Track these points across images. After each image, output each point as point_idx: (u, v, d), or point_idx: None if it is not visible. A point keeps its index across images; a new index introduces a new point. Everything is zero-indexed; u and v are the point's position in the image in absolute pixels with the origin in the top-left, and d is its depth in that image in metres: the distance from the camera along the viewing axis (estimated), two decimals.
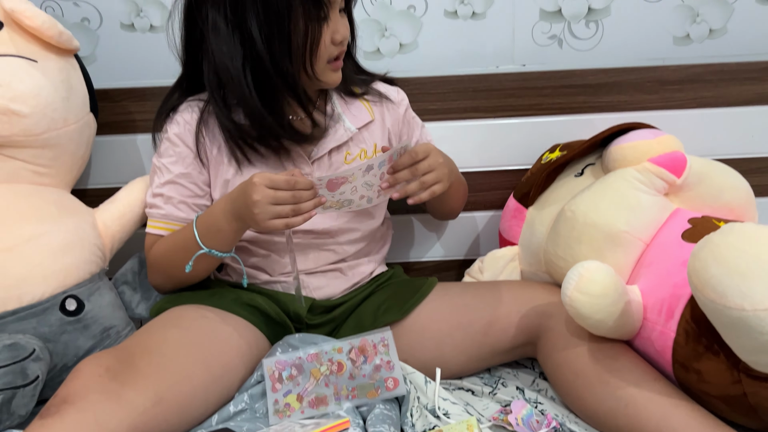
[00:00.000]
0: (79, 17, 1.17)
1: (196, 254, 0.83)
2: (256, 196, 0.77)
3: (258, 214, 0.77)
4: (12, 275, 0.84)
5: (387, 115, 0.98)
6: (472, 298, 0.92)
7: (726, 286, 0.61)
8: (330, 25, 0.83)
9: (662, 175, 0.87)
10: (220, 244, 0.83)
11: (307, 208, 0.78)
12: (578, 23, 1.20)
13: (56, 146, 0.93)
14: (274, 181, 0.77)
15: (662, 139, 0.90)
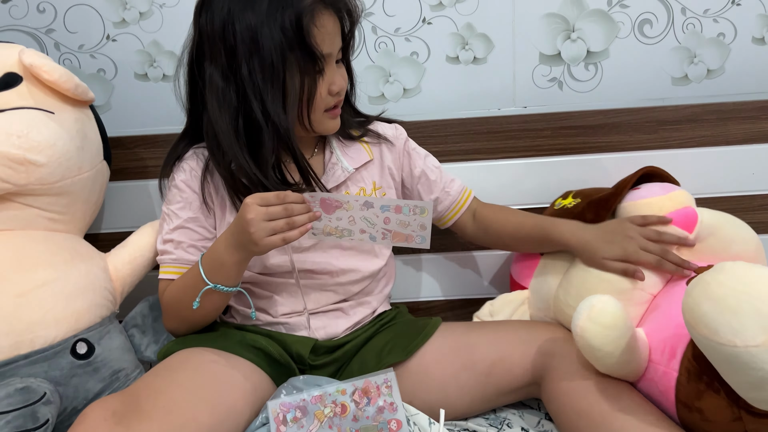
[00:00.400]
0: (95, 68, 1.22)
1: (203, 290, 0.85)
2: (249, 215, 0.79)
3: (254, 233, 0.79)
4: (25, 320, 0.86)
5: (386, 153, 1.00)
6: (476, 338, 0.93)
7: (718, 323, 0.62)
8: (326, 77, 0.87)
9: (675, 232, 0.89)
10: (224, 278, 0.85)
11: (301, 221, 0.80)
12: (577, 66, 1.23)
13: (70, 194, 0.97)
14: (265, 198, 0.80)
15: (674, 195, 0.92)
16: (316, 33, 0.83)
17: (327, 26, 0.85)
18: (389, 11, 1.20)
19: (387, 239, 0.85)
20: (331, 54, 0.87)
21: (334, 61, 0.88)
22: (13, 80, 0.95)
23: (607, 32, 1.21)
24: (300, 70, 0.84)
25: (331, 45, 0.86)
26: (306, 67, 0.84)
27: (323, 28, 0.84)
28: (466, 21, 1.21)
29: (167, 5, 1.19)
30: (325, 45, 0.85)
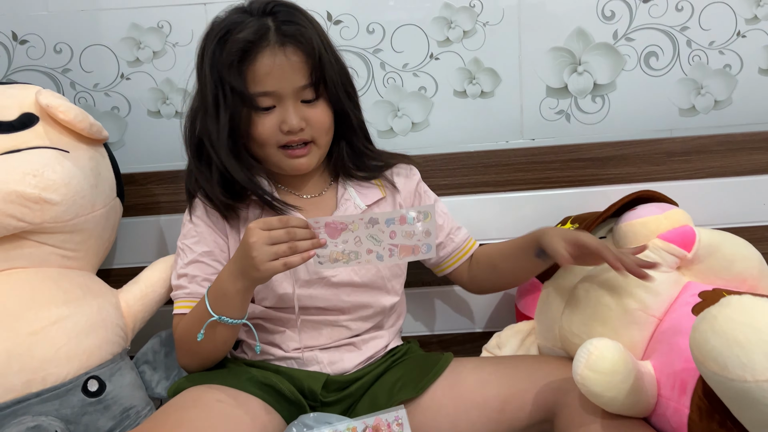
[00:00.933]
0: (109, 106, 1.25)
1: (207, 322, 0.84)
2: (251, 239, 0.78)
3: (256, 257, 0.78)
4: (37, 357, 0.87)
5: (399, 194, 1.01)
6: (488, 374, 0.92)
7: (726, 357, 0.61)
8: (276, 114, 0.88)
9: (673, 251, 0.88)
10: (229, 309, 0.84)
11: (303, 247, 0.79)
12: (584, 98, 1.24)
13: (84, 231, 0.98)
14: (268, 222, 0.79)
15: (670, 213, 0.91)
16: (248, 72, 0.86)
17: (262, 66, 0.86)
18: (397, 47, 1.22)
19: (394, 256, 0.84)
20: (276, 92, 0.87)
21: (287, 99, 0.88)
22: (29, 120, 0.98)
23: (613, 65, 1.22)
24: (231, 106, 0.87)
25: (273, 83, 0.87)
26: (235, 103, 0.87)
27: (257, 69, 0.86)
28: (473, 56, 1.22)
29: (180, 44, 1.22)
30: (262, 84, 0.86)
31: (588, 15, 1.20)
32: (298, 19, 0.88)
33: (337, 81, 0.90)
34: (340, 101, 0.92)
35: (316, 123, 0.90)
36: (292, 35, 0.86)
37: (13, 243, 0.93)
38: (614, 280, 0.88)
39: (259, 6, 0.88)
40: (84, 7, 1.21)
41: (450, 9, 1.21)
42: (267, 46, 0.86)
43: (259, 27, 0.86)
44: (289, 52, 0.86)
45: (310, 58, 0.87)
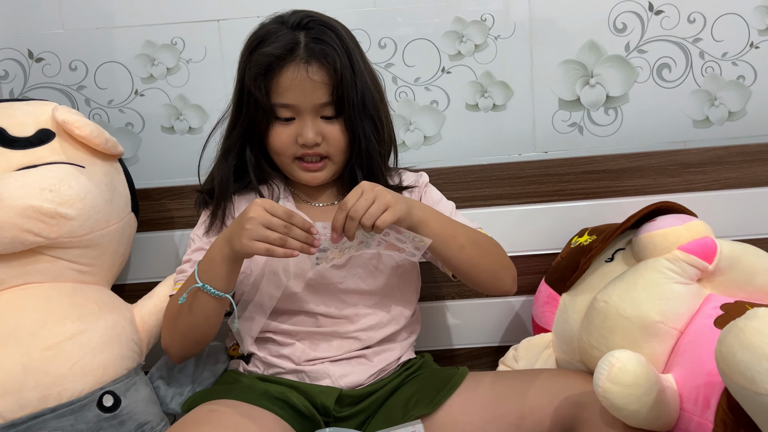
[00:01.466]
0: (123, 122, 1.25)
1: (190, 288, 0.85)
2: (252, 213, 0.80)
3: (247, 230, 0.79)
4: (53, 373, 0.87)
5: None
6: (505, 388, 0.91)
7: (755, 371, 0.60)
8: (294, 127, 0.91)
9: (693, 262, 0.87)
10: (213, 277, 0.84)
11: (292, 245, 0.80)
12: (597, 110, 1.23)
13: (99, 246, 0.98)
14: (273, 207, 0.80)
15: (691, 225, 0.90)
16: (272, 83, 0.89)
17: (285, 80, 0.89)
18: (409, 62, 1.23)
19: (381, 246, 0.87)
20: (295, 106, 0.90)
21: (306, 113, 0.90)
22: (46, 136, 0.99)
23: (625, 77, 1.22)
24: (252, 113, 0.91)
25: (293, 97, 0.89)
26: (257, 110, 0.91)
27: (280, 81, 0.89)
28: (484, 69, 1.23)
29: (193, 60, 1.23)
30: (283, 96, 0.89)
31: (600, 28, 1.21)
32: (329, 38, 0.90)
33: (358, 105, 0.91)
34: (356, 124, 0.92)
35: (333, 140, 0.92)
36: (318, 54, 0.89)
37: (29, 258, 0.93)
38: (635, 291, 0.87)
39: (295, 19, 0.91)
40: (99, 25, 1.22)
41: (461, 23, 1.21)
42: (292, 61, 0.88)
43: (289, 41, 0.89)
44: (313, 70, 0.88)
45: (332, 79, 0.89)
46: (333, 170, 0.95)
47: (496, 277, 0.95)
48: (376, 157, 0.95)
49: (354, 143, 0.93)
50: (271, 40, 0.89)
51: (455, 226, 0.92)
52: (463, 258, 0.91)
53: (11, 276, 0.93)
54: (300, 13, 0.93)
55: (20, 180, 0.90)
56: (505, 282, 0.96)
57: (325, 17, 0.94)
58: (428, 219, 0.88)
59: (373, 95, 0.93)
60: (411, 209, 0.85)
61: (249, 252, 0.81)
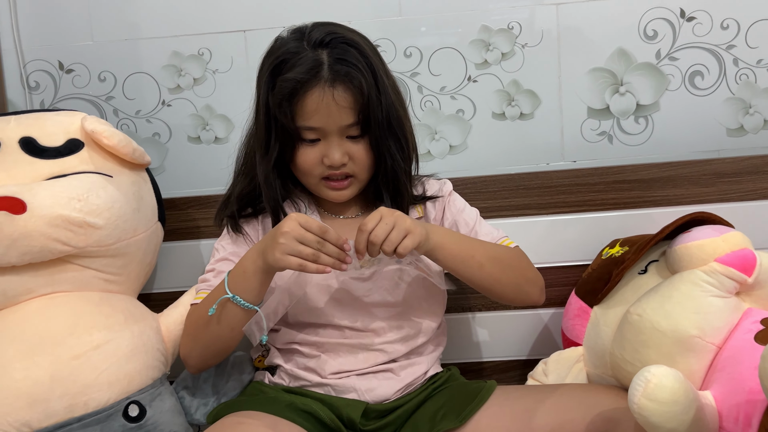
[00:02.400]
0: (150, 132, 1.26)
1: (221, 298, 0.84)
2: (286, 228, 0.80)
3: (281, 244, 0.79)
4: (80, 382, 0.87)
5: (431, 208, 1.01)
6: (534, 403, 0.88)
7: None
8: (319, 148, 0.90)
9: (732, 275, 0.84)
10: (245, 288, 0.84)
11: (325, 261, 0.80)
12: (627, 119, 1.21)
13: (126, 255, 0.99)
14: (308, 222, 0.81)
15: (728, 236, 0.87)
16: (296, 106, 0.87)
17: (310, 103, 0.87)
18: (434, 71, 1.22)
19: (411, 265, 0.87)
20: (321, 128, 0.88)
21: (332, 135, 0.89)
22: (75, 146, 0.99)
23: (656, 85, 1.20)
24: (279, 137, 0.90)
25: (319, 120, 0.88)
26: (283, 134, 0.90)
27: (305, 104, 0.87)
28: (511, 78, 1.21)
29: (220, 71, 1.24)
30: (308, 119, 0.88)
31: (629, 35, 1.19)
32: (352, 57, 0.87)
33: (383, 123, 0.90)
34: (381, 143, 0.91)
35: (358, 160, 0.91)
36: (343, 75, 0.86)
37: (57, 267, 0.94)
38: (670, 304, 0.84)
39: (317, 36, 0.88)
40: (127, 37, 1.24)
41: (488, 31, 1.20)
42: (317, 84, 0.86)
43: (312, 64, 0.86)
44: (338, 92, 0.87)
45: (358, 101, 0.88)
46: (358, 187, 0.95)
47: (520, 290, 0.94)
48: (401, 175, 0.94)
49: (379, 161, 0.93)
50: (294, 62, 0.87)
51: (474, 246, 0.91)
52: (484, 276, 0.91)
53: (40, 285, 0.93)
54: (321, 28, 0.90)
55: (50, 189, 0.91)
56: (531, 294, 0.95)
57: (347, 32, 0.91)
58: (444, 242, 0.87)
59: (398, 111, 0.92)
60: (429, 234, 0.85)
61: (282, 266, 0.81)
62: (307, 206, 0.98)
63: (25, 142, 0.98)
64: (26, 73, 1.26)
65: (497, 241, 0.98)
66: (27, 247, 0.89)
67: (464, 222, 0.99)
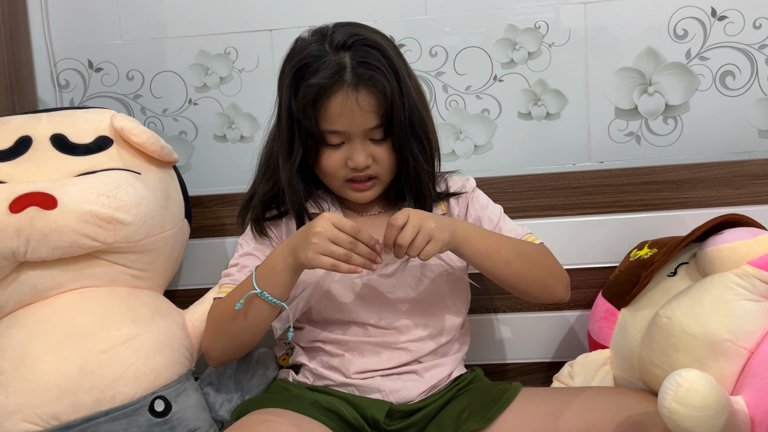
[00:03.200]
0: (177, 130, 1.28)
1: (248, 293, 0.84)
2: (319, 228, 0.80)
3: (314, 243, 0.80)
4: (107, 376, 0.88)
5: (454, 205, 1.00)
6: (560, 405, 0.87)
7: None
8: (343, 151, 0.90)
9: (765, 278, 0.82)
10: (273, 284, 0.84)
11: (356, 261, 0.81)
12: (656, 120, 1.19)
13: (153, 251, 1.00)
14: (341, 222, 0.81)
15: (761, 239, 0.86)
16: (320, 110, 0.87)
17: (334, 107, 0.86)
18: (460, 70, 1.21)
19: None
20: (345, 132, 0.88)
21: (356, 138, 0.89)
22: (104, 143, 1.01)
23: (686, 85, 1.18)
24: (303, 139, 0.90)
25: (343, 124, 0.88)
26: (307, 138, 0.90)
27: (329, 108, 0.87)
28: (538, 77, 1.20)
29: (246, 70, 1.25)
30: (332, 123, 0.88)
31: (659, 34, 1.17)
32: (375, 60, 0.87)
33: (406, 125, 0.89)
34: (404, 145, 0.91)
35: (382, 162, 0.92)
36: (366, 79, 0.86)
37: (86, 262, 0.95)
38: (701, 307, 0.83)
39: (339, 39, 0.87)
40: (155, 36, 1.25)
41: (514, 30, 1.19)
42: (340, 88, 0.86)
43: (335, 68, 0.86)
44: (362, 96, 0.86)
45: (381, 104, 0.88)
46: (381, 188, 0.95)
47: (546, 287, 0.94)
48: (424, 176, 0.94)
49: (402, 163, 0.93)
50: (316, 66, 0.86)
51: (500, 241, 0.91)
52: (510, 272, 0.90)
53: (69, 279, 0.94)
54: (343, 29, 0.89)
55: (80, 185, 0.92)
56: (557, 291, 0.95)
57: (369, 33, 0.90)
58: (471, 238, 0.87)
59: (420, 113, 0.91)
60: (454, 232, 0.85)
61: (314, 266, 0.81)
62: (330, 205, 0.98)
63: (56, 138, 0.99)
64: (56, 72, 1.28)
65: (522, 237, 0.97)
66: (57, 242, 0.90)
67: (488, 218, 0.99)
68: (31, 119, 1.02)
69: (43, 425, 0.85)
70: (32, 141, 0.99)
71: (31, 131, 1.00)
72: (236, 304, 0.85)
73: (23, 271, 0.93)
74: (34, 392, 0.85)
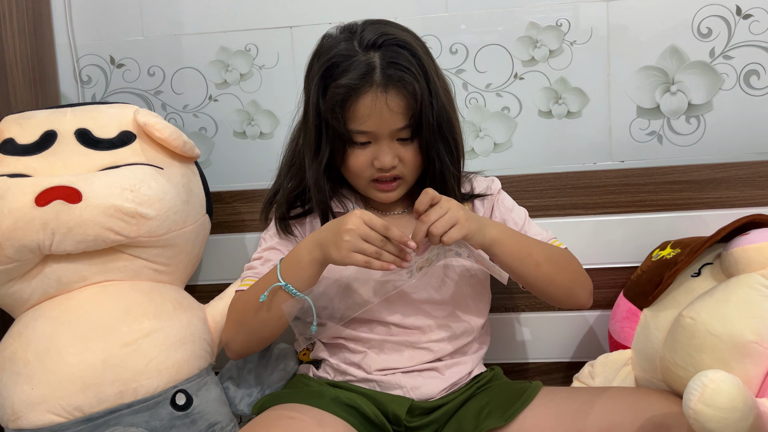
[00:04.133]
0: (197, 127, 1.28)
1: (273, 286, 0.84)
2: (350, 225, 0.80)
3: (347, 242, 0.80)
4: (130, 369, 0.88)
5: (479, 205, 1.00)
6: (581, 405, 0.87)
7: None
8: (369, 151, 0.90)
9: None
10: (297, 277, 0.84)
11: (386, 258, 0.81)
12: (678, 119, 1.18)
13: (175, 246, 1.00)
14: (372, 220, 0.80)
15: None
16: (348, 110, 0.86)
17: (362, 108, 0.86)
18: (480, 68, 1.21)
19: (471, 259, 0.87)
20: (373, 132, 0.88)
21: (383, 138, 0.89)
22: (128, 138, 1.01)
23: (710, 84, 1.16)
24: (330, 139, 0.89)
25: (371, 125, 0.87)
26: (334, 138, 0.89)
27: (357, 109, 0.86)
28: (559, 75, 1.19)
29: (266, 67, 1.25)
30: (360, 123, 0.87)
31: (682, 33, 1.16)
32: (404, 60, 0.86)
33: (434, 126, 0.89)
34: (431, 147, 0.90)
35: (408, 162, 0.91)
36: (395, 80, 0.85)
37: (110, 256, 0.96)
38: (726, 308, 0.82)
39: (369, 38, 0.87)
40: (176, 32, 1.26)
41: (536, 28, 1.19)
42: (369, 89, 0.85)
43: (365, 69, 0.85)
44: (391, 97, 0.86)
45: (410, 106, 0.87)
46: (405, 188, 0.95)
47: (571, 293, 0.94)
48: (449, 179, 0.93)
49: (428, 165, 0.92)
50: (345, 66, 0.86)
51: (531, 244, 0.91)
52: (539, 275, 0.90)
53: (93, 273, 0.95)
54: (373, 28, 0.88)
55: (104, 180, 0.93)
56: (581, 297, 0.94)
57: (399, 32, 0.89)
58: (503, 237, 0.87)
59: (448, 114, 0.91)
60: (483, 228, 0.85)
61: (346, 263, 0.81)
62: (354, 204, 0.98)
63: (80, 133, 1.00)
64: (79, 68, 1.29)
65: (547, 241, 0.97)
66: (82, 235, 0.91)
67: (513, 221, 0.99)
68: (56, 114, 1.03)
69: (67, 416, 0.86)
70: (57, 135, 1.00)
71: (56, 125, 1.00)
72: (260, 296, 0.85)
73: (48, 264, 0.94)
74: (59, 384, 0.86)
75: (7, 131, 1.00)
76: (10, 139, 0.99)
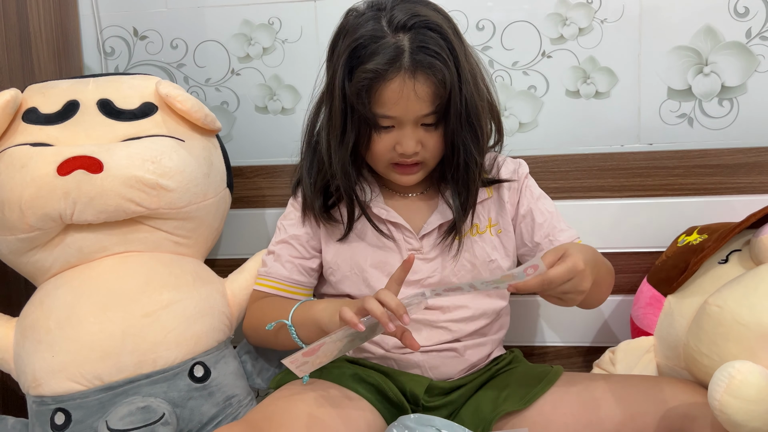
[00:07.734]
0: (219, 101, 1.27)
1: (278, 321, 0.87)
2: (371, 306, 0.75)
3: None
4: (150, 340, 0.89)
5: (505, 189, 0.97)
6: (603, 392, 0.85)
7: None
8: (392, 135, 0.87)
9: None
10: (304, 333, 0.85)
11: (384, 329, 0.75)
12: (710, 101, 1.15)
13: (195, 219, 1.00)
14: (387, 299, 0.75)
15: None
16: (374, 94, 0.84)
17: (389, 92, 0.83)
18: (507, 45, 1.18)
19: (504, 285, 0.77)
20: (398, 117, 0.85)
21: (407, 124, 0.86)
22: (149, 109, 1.01)
23: (744, 66, 1.12)
24: (356, 123, 0.87)
25: (397, 110, 0.85)
26: (360, 123, 0.87)
27: (383, 93, 0.83)
28: (588, 54, 1.16)
29: (289, 41, 1.23)
30: (386, 108, 0.85)
31: (718, 12, 1.12)
32: (435, 44, 0.83)
33: (461, 114, 0.86)
34: (457, 135, 0.87)
35: (431, 148, 0.89)
36: (425, 66, 0.82)
37: (130, 227, 0.96)
38: (755, 297, 0.80)
39: (400, 19, 0.83)
40: (200, 4, 1.25)
41: (565, 5, 1.15)
42: (397, 74, 0.82)
43: (393, 52, 0.82)
44: (419, 83, 0.83)
45: (438, 93, 0.84)
46: (426, 172, 0.93)
47: (599, 301, 0.91)
48: (472, 167, 0.90)
49: (452, 152, 0.89)
50: (373, 48, 0.82)
51: (600, 269, 0.83)
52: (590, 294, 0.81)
53: (113, 243, 0.95)
54: (403, 7, 0.84)
55: (125, 150, 0.93)
56: (600, 303, 0.92)
57: (430, 13, 0.85)
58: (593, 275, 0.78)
59: (476, 101, 0.87)
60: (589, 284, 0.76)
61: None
62: (372, 191, 0.96)
63: (102, 103, 1.00)
64: (102, 39, 1.28)
65: (574, 240, 0.95)
66: (103, 205, 0.91)
67: (540, 212, 0.96)
68: (79, 84, 1.02)
69: (87, 385, 0.87)
70: (79, 105, 0.99)
71: (78, 95, 1.00)
72: (267, 326, 0.87)
73: (69, 234, 0.94)
74: (79, 352, 0.87)
75: (30, 100, 1.00)
76: (33, 108, 0.99)
